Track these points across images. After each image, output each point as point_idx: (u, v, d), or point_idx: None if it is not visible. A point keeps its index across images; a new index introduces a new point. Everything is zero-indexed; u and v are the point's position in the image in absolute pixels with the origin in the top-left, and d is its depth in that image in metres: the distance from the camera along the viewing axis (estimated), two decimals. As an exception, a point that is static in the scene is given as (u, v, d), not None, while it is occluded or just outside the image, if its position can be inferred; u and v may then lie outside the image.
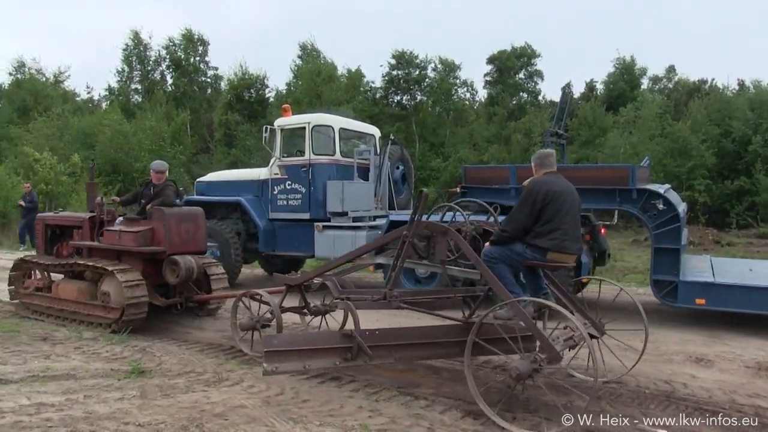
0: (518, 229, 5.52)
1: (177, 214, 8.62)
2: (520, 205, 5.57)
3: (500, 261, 5.59)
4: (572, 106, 22.44)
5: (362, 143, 12.46)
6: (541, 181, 5.65)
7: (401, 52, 30.47)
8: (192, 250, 8.59)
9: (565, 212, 5.50)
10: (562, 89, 25.53)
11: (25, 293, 9.43)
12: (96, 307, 8.37)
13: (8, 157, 27.22)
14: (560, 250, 5.51)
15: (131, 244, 8.34)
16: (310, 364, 5.58)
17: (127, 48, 38.12)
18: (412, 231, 5.94)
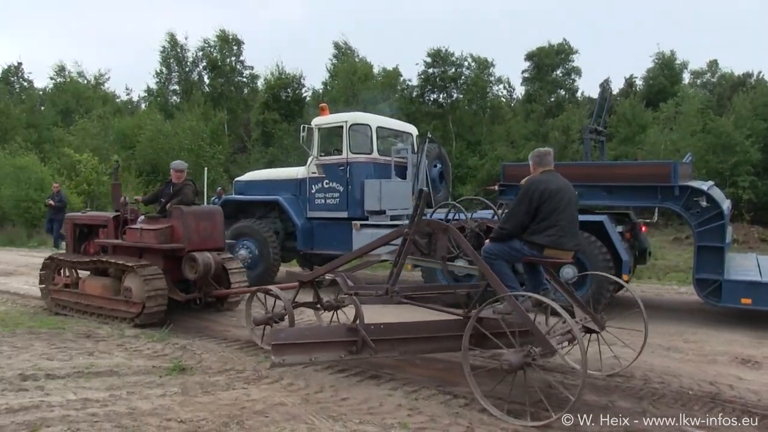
0: (516, 226, 5.69)
1: (195, 212, 9.03)
2: (518, 204, 5.75)
3: (499, 257, 5.79)
4: (611, 103, 22.15)
5: (399, 141, 12.45)
6: (538, 179, 5.81)
7: (437, 50, 30.38)
8: (210, 247, 8.98)
9: (562, 210, 5.66)
10: (601, 86, 25.23)
11: (54, 290, 9.74)
12: (119, 302, 8.70)
13: (51, 159, 27.79)
14: (556, 247, 5.68)
15: (152, 242, 8.72)
16: (316, 357, 5.88)
17: (165, 50, 38.70)
18: (413, 229, 6.13)
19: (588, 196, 9.56)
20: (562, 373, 6.22)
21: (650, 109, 27.46)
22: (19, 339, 7.49)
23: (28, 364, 6.31)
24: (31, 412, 4.86)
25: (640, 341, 6.36)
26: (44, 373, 5.95)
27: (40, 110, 38.72)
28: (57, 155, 28.26)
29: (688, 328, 8.52)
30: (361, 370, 6.29)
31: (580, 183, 9.54)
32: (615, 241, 8.93)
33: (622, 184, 9.30)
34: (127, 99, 44.47)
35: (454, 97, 30.79)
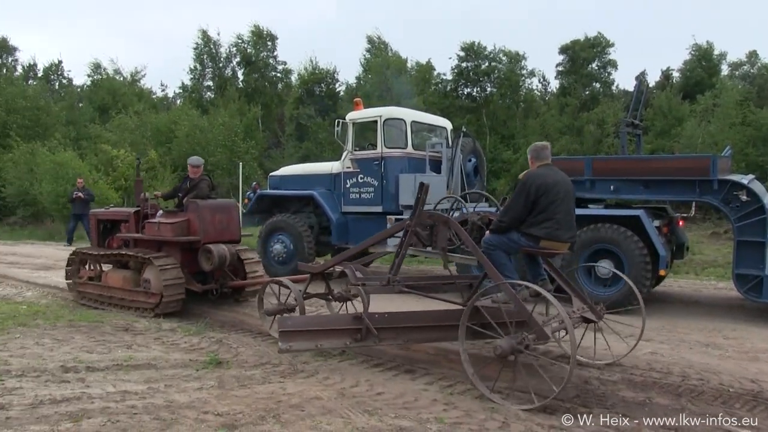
0: (514, 219, 5.91)
1: (211, 205, 9.39)
2: (516, 197, 5.96)
3: (498, 248, 6.02)
4: (647, 96, 21.79)
5: (434, 136, 12.42)
6: (535, 173, 6.03)
7: (470, 44, 30.22)
8: (226, 239, 9.30)
9: (558, 203, 5.86)
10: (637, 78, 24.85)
11: (79, 282, 10.18)
12: (139, 294, 9.09)
13: (88, 155, 28.26)
14: (552, 239, 5.89)
15: (169, 235, 9.08)
16: (321, 344, 6.13)
17: (198, 46, 39.06)
18: (415, 220, 6.40)
19: (625, 190, 9.46)
20: (599, 369, 6.15)
21: (687, 102, 26.98)
22: (60, 332, 7.64)
23: (69, 356, 6.44)
24: (72, 403, 4.96)
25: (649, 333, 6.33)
26: (85, 366, 6.07)
27: (78, 107, 39.40)
28: (94, 151, 28.73)
29: (728, 325, 8.37)
30: (397, 364, 6.31)
31: (617, 177, 9.46)
32: (652, 235, 8.82)
33: (660, 178, 9.17)
34: (162, 95, 45.05)
35: (488, 91, 30.60)
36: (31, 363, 6.12)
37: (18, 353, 6.51)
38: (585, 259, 9.29)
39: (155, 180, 25.65)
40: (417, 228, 6.48)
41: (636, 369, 6.16)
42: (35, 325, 7.96)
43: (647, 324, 8.13)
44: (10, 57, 42.03)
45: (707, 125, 23.81)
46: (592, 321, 6.32)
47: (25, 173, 25.51)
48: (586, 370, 6.11)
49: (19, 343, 6.98)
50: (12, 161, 26.68)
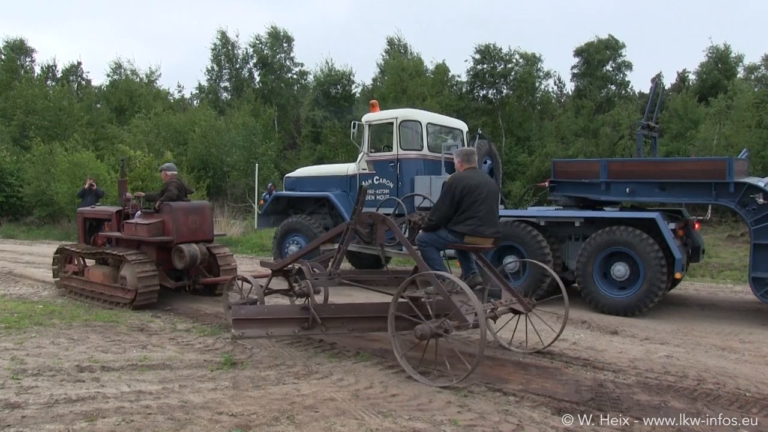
0: (442, 218, 6.52)
1: (184, 207, 10.03)
2: (443, 198, 6.56)
3: (430, 244, 6.63)
4: (663, 98, 21.62)
5: (450, 138, 12.41)
6: (460, 176, 6.61)
7: (485, 46, 30.16)
8: (199, 239, 10.02)
9: (481, 202, 6.44)
10: (653, 81, 24.70)
11: (65, 276, 11.01)
12: (117, 289, 9.74)
13: (106, 155, 28.47)
14: (476, 235, 6.46)
15: (144, 235, 9.75)
16: (272, 331, 6.69)
17: (216, 47, 39.25)
18: (355, 220, 7.13)
19: (640, 192, 9.41)
20: (613, 372, 6.12)
21: (703, 104, 26.73)
22: (75, 331, 7.72)
23: (85, 356, 6.50)
24: (87, 403, 5.00)
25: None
26: (100, 365, 6.13)
27: (96, 108, 39.72)
28: (112, 151, 28.93)
29: (744, 328, 8.29)
30: (411, 366, 6.29)
31: (632, 179, 9.41)
32: (667, 238, 8.76)
33: (676, 181, 9.12)
34: (179, 96, 45.30)
35: (504, 93, 30.53)
36: (47, 362, 6.19)
37: (34, 352, 6.58)
38: (600, 261, 9.23)
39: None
40: (357, 227, 7.22)
41: (651, 372, 6.11)
42: (51, 325, 8.04)
43: (662, 327, 8.19)
44: (28, 58, 42.44)
45: (722, 127, 23.59)
46: (520, 312, 6.89)
47: (43, 173, 25.74)
48: (600, 374, 6.08)
49: (36, 342, 7.05)
50: (30, 161, 26.94)
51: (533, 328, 7.05)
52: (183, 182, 10.57)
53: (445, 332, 5.77)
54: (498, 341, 7.27)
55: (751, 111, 23.33)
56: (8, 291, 11.13)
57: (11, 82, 35.33)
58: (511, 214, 10.52)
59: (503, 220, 10.19)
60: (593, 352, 6.94)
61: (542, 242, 9.70)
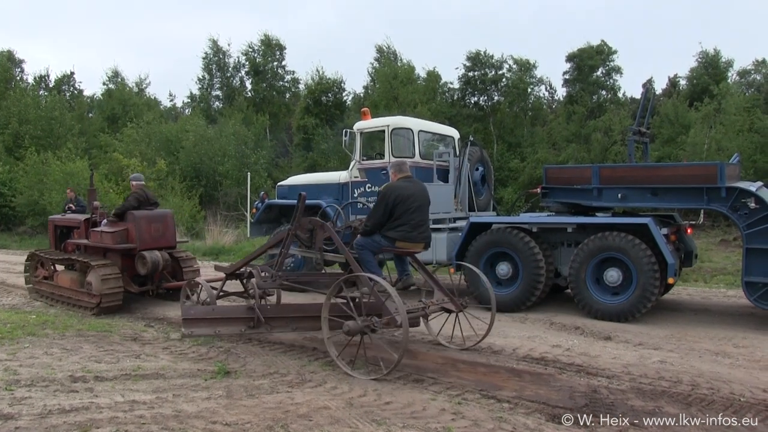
0: (376, 224, 7.09)
1: (147, 216, 10.46)
2: (377, 206, 7.13)
3: (365, 248, 7.15)
4: (654, 103, 21.70)
5: (441, 145, 12.43)
6: (393, 186, 7.19)
7: (476, 53, 30.23)
8: (162, 246, 10.51)
9: (412, 210, 7.02)
10: (644, 86, 24.80)
11: (35, 281, 11.61)
12: (83, 294, 10.19)
13: (99, 164, 28.41)
14: (406, 240, 7.05)
15: (109, 242, 10.24)
16: (219, 330, 7.20)
17: (207, 56, 39.24)
18: (295, 226, 7.53)
19: (632, 198, 9.46)
20: (607, 378, 6.14)
21: (693, 109, 26.83)
22: (68, 341, 7.71)
23: (78, 366, 6.49)
24: (81, 413, 4.99)
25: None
26: (93, 375, 6.12)
27: (89, 117, 39.61)
28: (104, 160, 28.87)
29: (738, 333, 8.32)
30: (405, 374, 6.31)
31: (624, 185, 9.46)
32: (660, 243, 8.78)
33: (668, 186, 9.16)
34: (171, 105, 45.21)
35: (495, 99, 30.58)
36: (41, 373, 6.17)
37: (27, 363, 6.56)
38: (593, 267, 9.25)
39: (164, 189, 25.75)
40: (298, 232, 7.64)
41: (645, 378, 6.13)
42: (44, 335, 8.02)
43: (656, 332, 8.24)
44: (18, 69, 42.32)
45: (712, 132, 23.67)
46: (451, 311, 7.39)
47: (36, 183, 25.67)
48: (594, 380, 6.09)
49: (29, 352, 7.03)
50: (23, 171, 26.88)
51: (470, 326, 7.56)
52: (148, 192, 11.03)
53: (372, 329, 6.24)
54: (437, 338, 7.75)
55: (743, 115, 23.46)
56: (1, 301, 11.12)
57: (5, 92, 35.25)
58: (503, 220, 10.54)
59: (496, 227, 10.23)
60: (587, 358, 6.94)
61: (535, 248, 9.72)
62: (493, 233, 10.19)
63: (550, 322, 9.03)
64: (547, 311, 9.80)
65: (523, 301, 9.82)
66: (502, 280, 10.12)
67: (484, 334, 7.44)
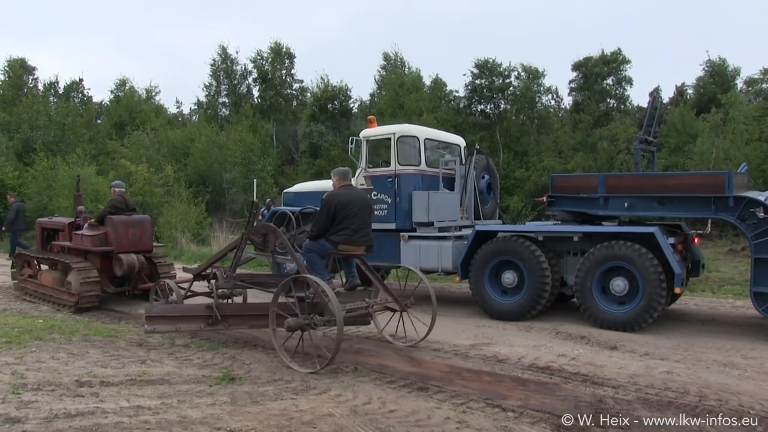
0: (320, 229, 7.63)
1: (125, 221, 11.20)
2: (320, 212, 7.74)
3: (313, 251, 7.70)
4: (661, 112, 21.62)
5: (447, 153, 12.44)
6: (335, 193, 7.77)
7: (484, 61, 30.24)
8: (139, 249, 11.18)
9: (353, 216, 7.58)
10: (651, 95, 24.72)
11: (22, 279, 12.45)
12: (63, 292, 10.92)
13: (107, 170, 28.52)
14: (348, 243, 7.62)
15: (89, 245, 10.98)
16: (180, 327, 7.85)
17: (215, 63, 39.39)
18: (249, 231, 8.31)
19: (639, 207, 9.44)
20: (613, 388, 6.11)
21: (701, 119, 26.70)
22: (75, 346, 7.73)
23: (84, 370, 6.50)
24: (87, 418, 5.00)
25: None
26: (99, 380, 6.13)
27: (97, 124, 39.79)
28: (112, 166, 28.97)
29: (746, 344, 8.25)
30: (409, 381, 6.31)
31: (630, 194, 9.43)
32: (667, 252, 8.75)
33: (675, 195, 9.13)
34: (178, 111, 45.36)
35: (502, 107, 30.55)
36: (47, 377, 6.18)
37: (34, 367, 6.58)
38: (599, 276, 9.22)
39: (171, 195, 25.82)
40: (252, 236, 8.37)
41: (651, 388, 6.10)
42: (51, 339, 8.05)
43: (662, 342, 8.21)
44: (30, 76, 42.56)
45: (720, 141, 23.54)
46: (394, 310, 8.01)
47: (45, 188, 25.79)
48: (600, 389, 6.07)
49: (36, 356, 7.06)
50: (32, 176, 27.02)
51: (412, 325, 8.06)
52: (127, 199, 11.85)
53: (313, 326, 6.80)
54: (384, 335, 8.36)
55: (752, 124, 23.35)
56: (9, 306, 11.16)
57: (15, 99, 35.48)
58: (509, 229, 10.53)
59: (502, 235, 10.22)
60: (592, 367, 6.92)
61: (540, 257, 9.70)
62: (499, 242, 10.18)
63: (555, 331, 9.00)
64: (552, 320, 9.77)
65: (528, 309, 9.80)
66: (507, 289, 10.10)
67: (426, 332, 7.96)
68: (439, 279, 13.98)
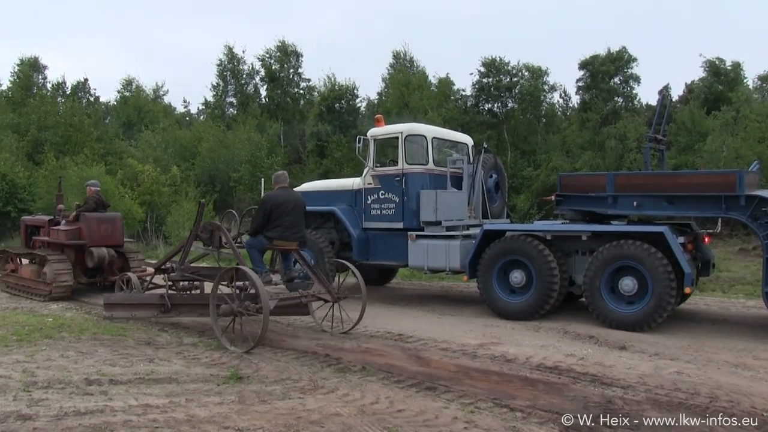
0: (258, 226, 8.64)
1: (98, 217, 12.21)
2: (258, 211, 8.76)
3: (252, 247, 8.73)
4: (671, 111, 21.46)
5: (455, 152, 12.41)
6: (272, 194, 8.81)
7: (491, 60, 30.16)
8: (110, 244, 12.17)
9: (286, 215, 8.57)
10: (660, 93, 24.56)
11: (4, 273, 13.45)
12: (39, 283, 11.92)
13: (115, 170, 28.63)
14: (281, 239, 8.60)
15: (63, 239, 12.03)
16: (135, 314, 8.84)
17: (222, 63, 39.47)
18: (196, 227, 9.16)
19: (648, 206, 9.38)
20: (622, 388, 6.08)
21: (711, 116, 26.45)
22: (84, 344, 7.77)
23: (93, 369, 6.54)
24: (96, 416, 5.03)
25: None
26: (108, 379, 6.16)
27: (105, 124, 39.96)
28: (120, 166, 29.09)
29: (758, 345, 8.16)
30: (417, 381, 6.29)
31: (640, 193, 9.37)
32: (676, 252, 8.68)
33: (685, 194, 9.07)
34: (185, 111, 45.48)
35: (509, 106, 30.44)
36: (57, 375, 6.23)
37: (44, 365, 6.63)
38: (608, 276, 9.17)
39: (178, 195, 25.87)
40: (199, 233, 9.15)
41: (661, 389, 6.05)
42: (60, 338, 8.10)
43: (672, 342, 8.17)
44: (41, 75, 42.80)
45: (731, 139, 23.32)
46: (326, 300, 8.78)
47: (54, 188, 25.88)
48: (609, 390, 6.04)
49: (46, 355, 7.11)
50: (42, 176, 27.14)
51: (347, 316, 8.78)
52: (102, 197, 12.83)
53: (246, 312, 7.66)
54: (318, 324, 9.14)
55: (766, 122, 23.10)
56: (19, 304, 11.27)
57: (25, 99, 35.63)
58: (517, 228, 10.50)
59: (510, 234, 10.19)
60: (601, 367, 6.88)
61: (549, 256, 9.67)
62: (507, 241, 10.14)
63: (564, 330, 8.97)
64: (561, 320, 9.74)
65: (536, 309, 9.77)
66: (515, 288, 10.07)
67: (356, 321, 8.75)
68: (446, 278, 13.97)
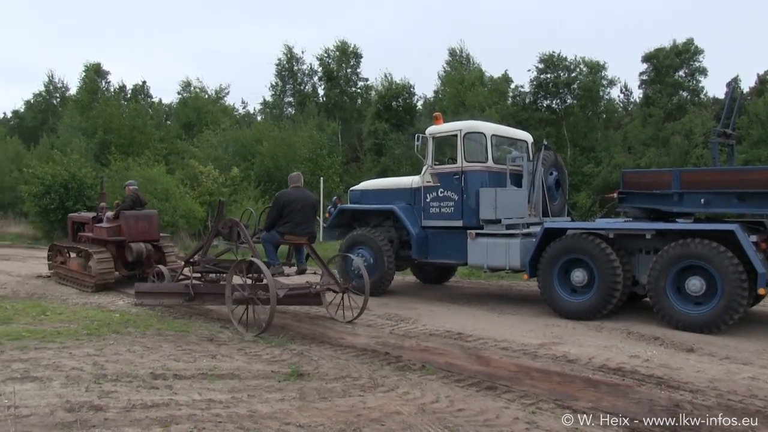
0: (271, 222, 9.51)
1: (136, 215, 13.31)
2: (271, 208, 9.64)
3: (267, 241, 9.47)
4: (741, 103, 20.71)
5: (514, 149, 12.26)
6: (284, 192, 9.66)
7: (549, 55, 29.76)
8: (147, 239, 13.22)
9: (297, 212, 9.38)
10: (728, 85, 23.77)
11: (55, 265, 14.73)
12: (85, 275, 12.99)
13: (176, 170, 29.27)
14: (292, 234, 9.41)
15: (105, 236, 13.09)
16: (163, 301, 10.05)
17: (280, 63, 39.97)
18: (219, 223, 10.23)
19: (716, 203, 9.04)
20: (691, 392, 5.88)
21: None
22: (149, 340, 7.96)
23: (158, 363, 6.69)
24: (161, 409, 5.15)
25: None
26: (172, 373, 6.29)
27: (166, 125, 40.95)
28: (181, 166, 29.73)
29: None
30: (478, 380, 6.24)
31: (707, 190, 9.04)
32: (748, 251, 8.31)
33: (757, 191, 8.70)
34: (244, 112, 46.24)
35: (568, 102, 29.97)
36: (124, 369, 6.40)
37: (113, 359, 6.83)
38: (674, 275, 8.89)
39: (238, 194, 26.29)
40: (220, 228, 10.13)
41: (734, 394, 5.80)
42: (127, 333, 8.32)
43: (745, 346, 7.87)
44: (104, 81, 44.16)
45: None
46: (336, 291, 9.64)
47: (119, 188, 26.66)
48: (677, 393, 5.84)
49: (113, 349, 7.32)
50: (108, 176, 27.98)
51: (356, 304, 9.45)
52: (140, 195, 13.90)
53: (257, 300, 8.42)
54: (329, 313, 9.79)
55: None
56: (88, 300, 11.64)
57: (91, 103, 36.81)
58: (578, 226, 10.31)
59: (571, 233, 10.00)
60: (667, 370, 6.67)
61: (611, 255, 9.44)
62: (568, 239, 9.96)
63: (627, 331, 8.75)
64: (624, 320, 9.51)
65: (598, 309, 9.56)
66: (577, 288, 9.88)
67: (359, 311, 9.39)
68: (506, 277, 13.81)
